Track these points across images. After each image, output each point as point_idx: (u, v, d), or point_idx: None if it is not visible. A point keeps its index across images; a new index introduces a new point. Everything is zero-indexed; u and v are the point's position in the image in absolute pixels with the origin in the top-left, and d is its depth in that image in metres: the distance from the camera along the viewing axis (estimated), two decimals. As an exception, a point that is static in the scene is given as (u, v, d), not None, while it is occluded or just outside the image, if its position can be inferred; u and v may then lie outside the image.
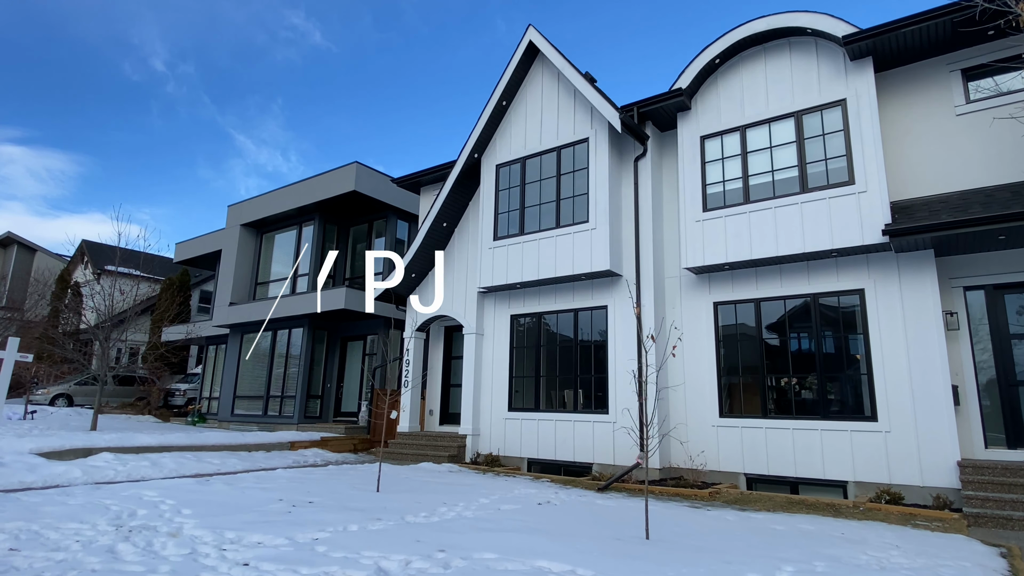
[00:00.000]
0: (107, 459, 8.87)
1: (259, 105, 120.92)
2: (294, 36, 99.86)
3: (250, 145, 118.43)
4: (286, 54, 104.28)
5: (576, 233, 10.99)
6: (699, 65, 10.38)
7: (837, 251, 9.03)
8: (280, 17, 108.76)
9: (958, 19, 8.34)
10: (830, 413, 9.05)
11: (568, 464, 10.87)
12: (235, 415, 17.64)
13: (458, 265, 13.19)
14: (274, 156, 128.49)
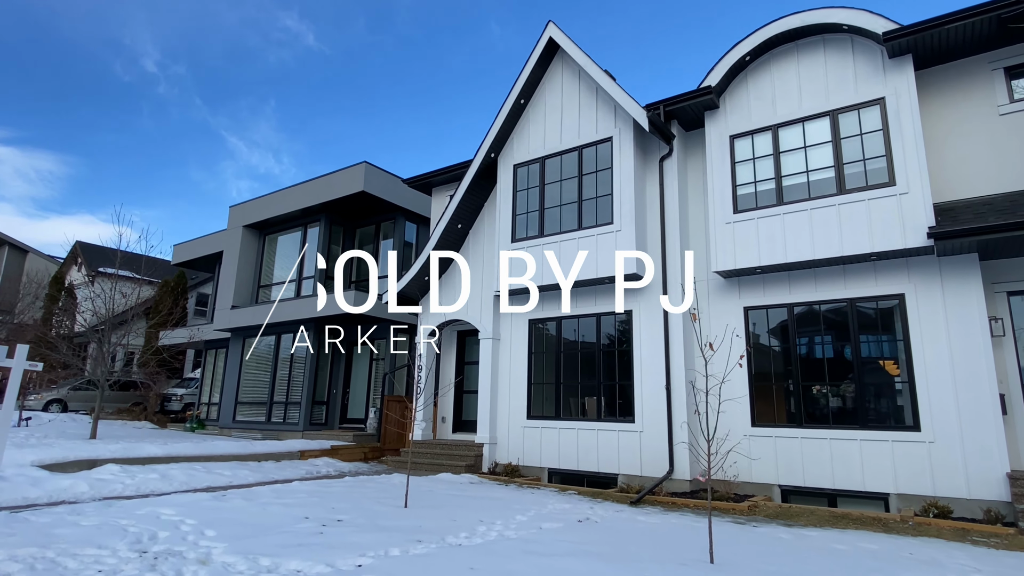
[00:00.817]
0: (113, 471, 8.40)
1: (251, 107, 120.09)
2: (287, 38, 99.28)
3: (242, 147, 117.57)
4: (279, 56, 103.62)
5: (600, 235, 10.63)
6: (729, 62, 10.06)
7: (876, 254, 8.72)
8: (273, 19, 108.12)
9: (1005, 15, 8.07)
10: (869, 422, 8.72)
11: (592, 475, 10.49)
12: (237, 422, 17.13)
13: (473, 268, 12.79)
14: (266, 158, 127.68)
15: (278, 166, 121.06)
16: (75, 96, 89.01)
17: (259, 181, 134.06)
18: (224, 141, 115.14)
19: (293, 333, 16.57)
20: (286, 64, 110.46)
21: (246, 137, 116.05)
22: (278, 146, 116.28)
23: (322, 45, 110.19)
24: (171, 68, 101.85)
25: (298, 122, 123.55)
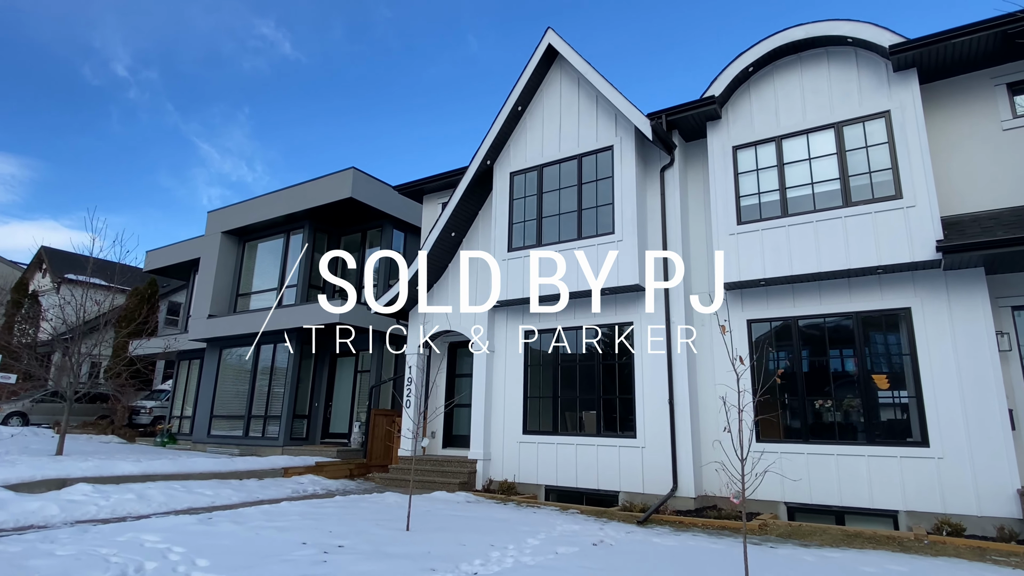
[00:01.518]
0: (85, 491, 7.79)
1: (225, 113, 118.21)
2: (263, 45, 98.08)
3: (214, 154, 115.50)
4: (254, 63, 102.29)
5: (600, 245, 10.39)
6: (732, 73, 9.98)
7: (883, 268, 8.64)
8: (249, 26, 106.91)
9: (1011, 31, 8.11)
10: (877, 438, 8.58)
11: (591, 492, 10.16)
12: (212, 436, 16.38)
13: (467, 277, 12.43)
14: (239, 165, 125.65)
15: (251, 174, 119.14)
16: (41, 99, 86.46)
17: (231, 189, 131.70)
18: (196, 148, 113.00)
19: (274, 344, 15.96)
20: (261, 71, 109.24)
21: (219, 144, 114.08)
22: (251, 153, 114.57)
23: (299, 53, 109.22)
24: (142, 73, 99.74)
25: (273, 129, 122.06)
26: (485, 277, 12.03)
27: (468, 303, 12.22)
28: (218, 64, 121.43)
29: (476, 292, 12.16)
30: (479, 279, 12.19)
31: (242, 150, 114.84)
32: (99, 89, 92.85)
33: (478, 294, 12.12)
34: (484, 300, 11.95)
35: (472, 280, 12.30)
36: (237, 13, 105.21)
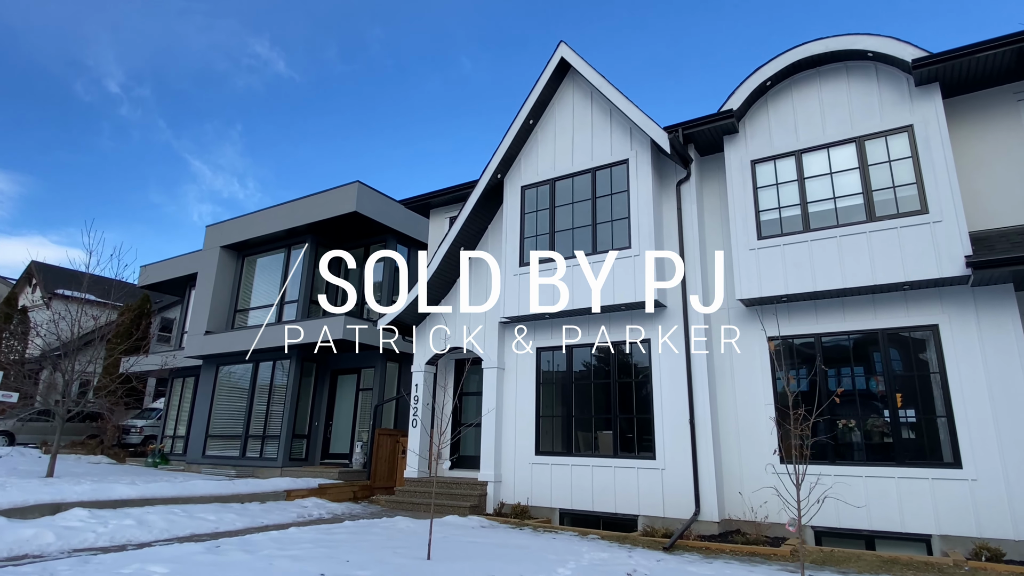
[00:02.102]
0: (81, 517, 7.35)
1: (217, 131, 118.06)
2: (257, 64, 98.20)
3: (206, 171, 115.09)
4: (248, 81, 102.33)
5: (617, 260, 10.16)
6: (750, 87, 9.86)
7: (909, 284, 8.46)
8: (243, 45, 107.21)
9: (1036, 46, 8.04)
10: (907, 459, 8.32)
11: (609, 516, 9.80)
12: (207, 457, 15.85)
13: (476, 292, 12.15)
14: (230, 182, 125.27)
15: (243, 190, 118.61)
16: (31, 115, 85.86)
17: (222, 205, 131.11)
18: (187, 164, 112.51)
19: (273, 361, 15.54)
20: (255, 89, 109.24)
21: (210, 161, 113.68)
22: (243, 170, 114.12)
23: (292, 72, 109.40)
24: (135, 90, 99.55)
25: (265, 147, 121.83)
26: (495, 293, 11.75)
27: (477, 319, 11.92)
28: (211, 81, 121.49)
29: (486, 308, 11.87)
30: (489, 294, 11.90)
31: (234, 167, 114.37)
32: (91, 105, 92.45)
33: (487, 310, 11.83)
34: (494, 316, 11.66)
35: (481, 295, 12.01)
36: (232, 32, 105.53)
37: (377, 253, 15.68)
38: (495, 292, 11.75)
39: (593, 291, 10.28)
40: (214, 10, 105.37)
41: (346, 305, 15.28)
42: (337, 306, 15.10)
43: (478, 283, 12.18)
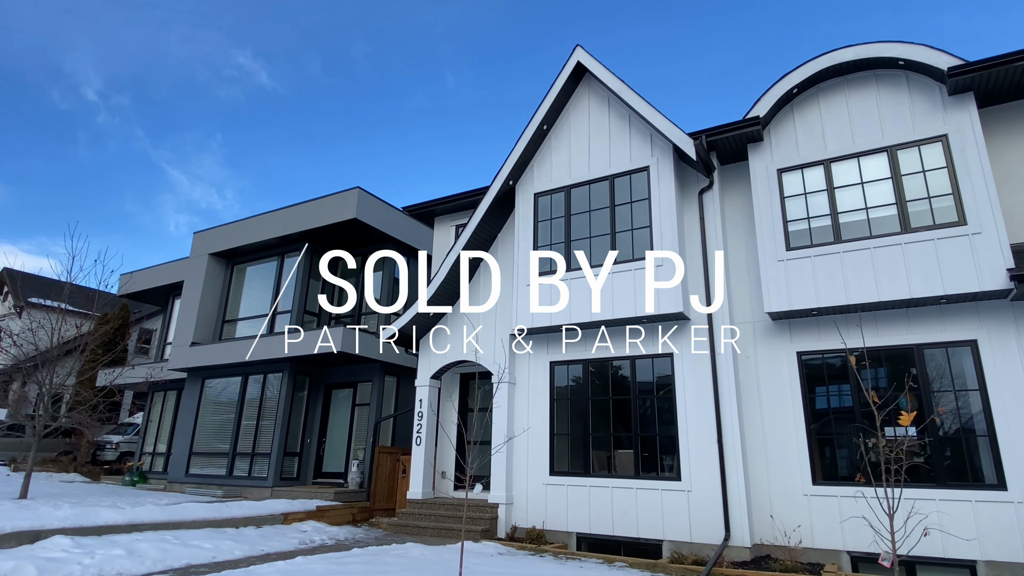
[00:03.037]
0: (64, 546, 6.61)
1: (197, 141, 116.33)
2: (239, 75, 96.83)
3: (184, 181, 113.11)
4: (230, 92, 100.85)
5: (638, 270, 9.75)
6: (777, 94, 9.59)
7: (946, 298, 8.16)
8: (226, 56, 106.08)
9: (1075, 55, 7.88)
10: (947, 481, 7.96)
11: (630, 541, 9.27)
12: (191, 475, 14.97)
13: (486, 303, 11.62)
14: (209, 193, 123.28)
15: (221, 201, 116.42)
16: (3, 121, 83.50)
17: (200, 216, 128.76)
18: (165, 174, 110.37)
19: (263, 374, 14.79)
20: (236, 100, 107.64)
21: (189, 171, 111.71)
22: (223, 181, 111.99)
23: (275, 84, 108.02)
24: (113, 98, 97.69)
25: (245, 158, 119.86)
26: (506, 303, 11.26)
27: (487, 332, 11.39)
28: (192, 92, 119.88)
29: (496, 319, 11.36)
30: (499, 306, 11.40)
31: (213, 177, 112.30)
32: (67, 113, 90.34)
33: (498, 322, 11.32)
34: (504, 327, 11.15)
35: (491, 306, 11.49)
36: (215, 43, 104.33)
37: (376, 260, 15.06)
38: (506, 302, 11.25)
39: (612, 303, 9.84)
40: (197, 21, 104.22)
41: (346, 313, 14.68)
42: (338, 310, 14.56)
43: (488, 293, 11.66)
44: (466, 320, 11.74)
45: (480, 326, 11.52)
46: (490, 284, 11.69)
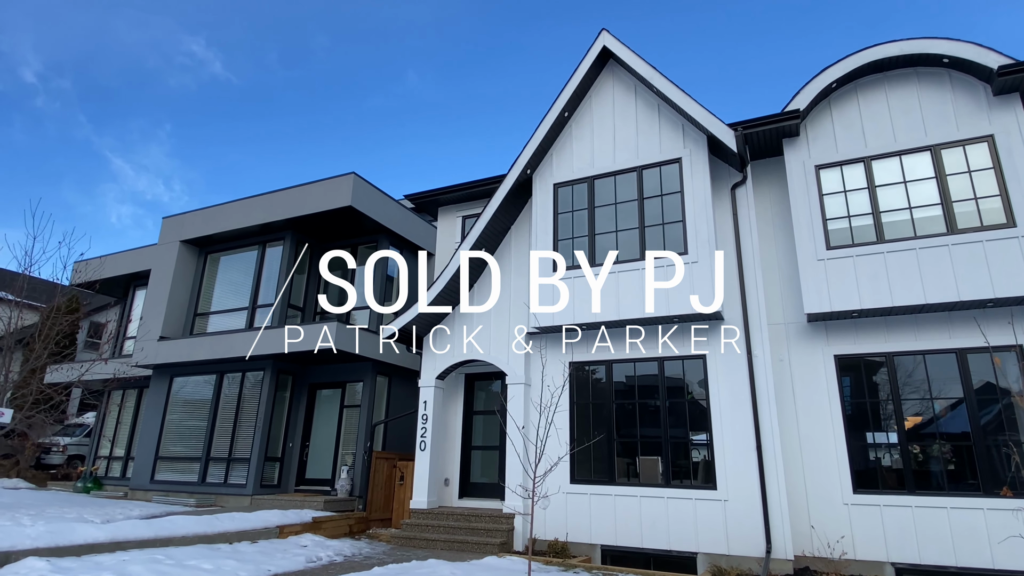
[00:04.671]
0: (40, 570, 5.56)
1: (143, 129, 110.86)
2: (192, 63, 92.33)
3: (128, 170, 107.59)
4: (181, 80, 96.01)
5: (669, 267, 9.23)
6: (816, 88, 9.26)
7: (992, 302, 7.95)
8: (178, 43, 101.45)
9: None
10: (993, 491, 7.71)
11: (661, 554, 8.71)
12: (157, 481, 13.65)
13: (499, 299, 10.91)
14: (155, 184, 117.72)
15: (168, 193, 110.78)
16: (-71, 96, 77.39)
17: (145, 207, 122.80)
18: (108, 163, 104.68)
19: (242, 372, 13.63)
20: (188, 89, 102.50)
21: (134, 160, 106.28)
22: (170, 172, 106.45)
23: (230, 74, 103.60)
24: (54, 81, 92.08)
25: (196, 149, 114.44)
26: (521, 299, 10.57)
27: (499, 330, 10.68)
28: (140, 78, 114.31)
29: (509, 317, 10.66)
30: (513, 302, 10.70)
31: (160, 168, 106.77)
32: (2, 94, 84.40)
33: (511, 319, 10.62)
34: (520, 326, 10.46)
35: (504, 303, 10.79)
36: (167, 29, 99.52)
37: (374, 255, 14.11)
38: (521, 299, 10.57)
39: (640, 301, 9.30)
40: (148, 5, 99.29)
41: (346, 307, 13.77)
42: (338, 309, 13.64)
43: (499, 290, 10.95)
44: (475, 318, 11.00)
45: (491, 324, 10.80)
46: (505, 280, 10.98)
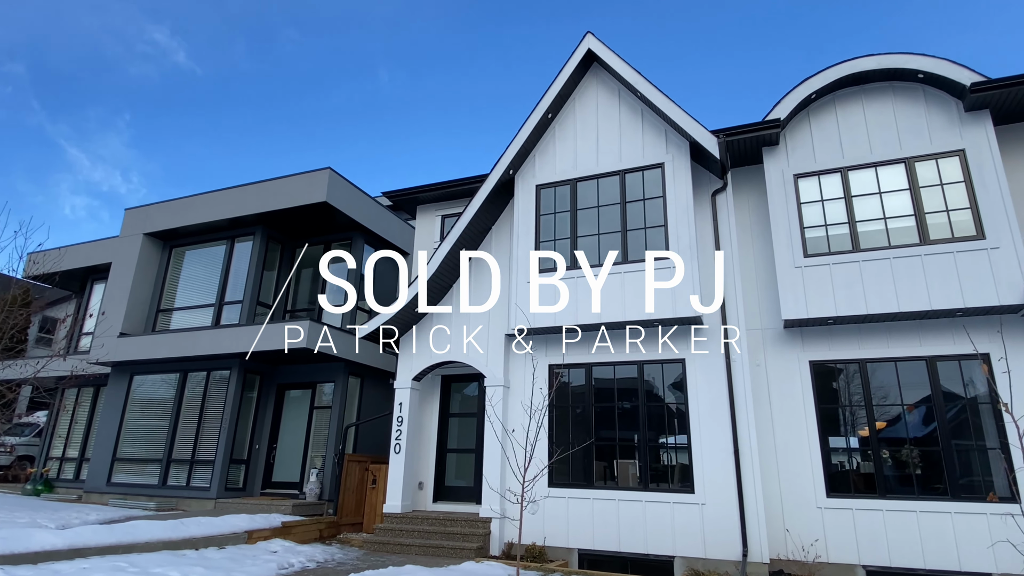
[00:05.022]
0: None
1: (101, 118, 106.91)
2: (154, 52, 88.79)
3: (84, 160, 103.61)
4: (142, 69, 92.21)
5: (652, 270, 9.25)
6: (796, 99, 9.42)
7: (962, 311, 8.19)
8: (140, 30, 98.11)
9: (1090, 80, 8.13)
10: (962, 493, 7.94)
11: (638, 558, 8.71)
12: (114, 484, 13.07)
13: (478, 300, 10.77)
14: (112, 175, 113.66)
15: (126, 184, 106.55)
16: None
17: (100, 199, 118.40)
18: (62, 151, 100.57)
19: (207, 371, 13.17)
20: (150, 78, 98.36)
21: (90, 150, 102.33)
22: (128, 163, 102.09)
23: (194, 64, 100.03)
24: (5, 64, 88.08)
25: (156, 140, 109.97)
26: (501, 302, 10.47)
27: (479, 331, 10.55)
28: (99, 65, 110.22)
29: (489, 318, 10.54)
30: (494, 302, 10.58)
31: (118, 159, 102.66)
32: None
33: (492, 320, 10.51)
34: (499, 327, 10.36)
35: (485, 303, 10.66)
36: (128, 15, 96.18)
37: (349, 253, 13.81)
38: (502, 300, 10.47)
39: (622, 304, 9.30)
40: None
41: (321, 307, 13.42)
42: (314, 306, 13.27)
43: (481, 289, 10.83)
44: (454, 318, 10.85)
45: (472, 325, 10.66)
46: (482, 280, 10.87)
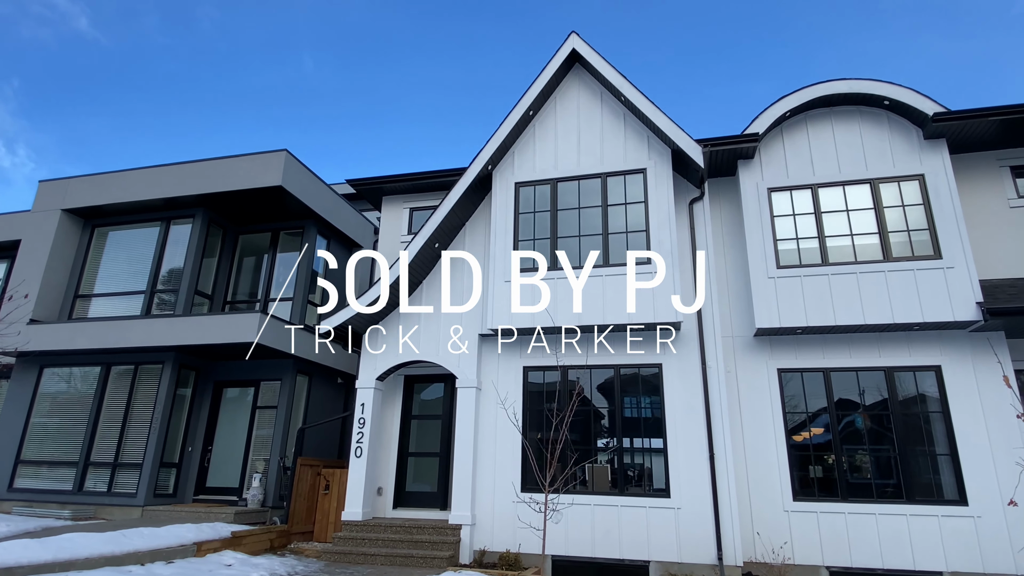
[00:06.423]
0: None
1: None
2: (51, 15, 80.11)
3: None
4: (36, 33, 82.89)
5: (632, 274, 9.24)
6: (773, 115, 9.74)
7: (919, 325, 8.73)
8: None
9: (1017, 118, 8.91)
10: (916, 496, 8.44)
11: (612, 563, 8.63)
12: (18, 490, 11.54)
13: (452, 298, 10.36)
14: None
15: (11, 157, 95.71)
16: None
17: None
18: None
19: (135, 365, 11.93)
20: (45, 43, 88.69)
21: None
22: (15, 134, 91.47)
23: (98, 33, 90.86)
24: None
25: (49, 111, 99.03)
26: (476, 299, 10.12)
27: (451, 330, 10.15)
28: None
29: (462, 317, 10.17)
30: (468, 301, 10.21)
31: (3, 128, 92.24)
32: None
33: (465, 320, 10.14)
34: (472, 326, 10.02)
35: (457, 301, 10.28)
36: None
37: (301, 242, 12.93)
38: (476, 299, 10.13)
39: (602, 307, 9.23)
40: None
41: (294, 298, 12.47)
42: (258, 298, 12.31)
43: (454, 287, 10.42)
44: (423, 317, 10.39)
45: (444, 324, 10.24)
46: (458, 278, 10.47)
